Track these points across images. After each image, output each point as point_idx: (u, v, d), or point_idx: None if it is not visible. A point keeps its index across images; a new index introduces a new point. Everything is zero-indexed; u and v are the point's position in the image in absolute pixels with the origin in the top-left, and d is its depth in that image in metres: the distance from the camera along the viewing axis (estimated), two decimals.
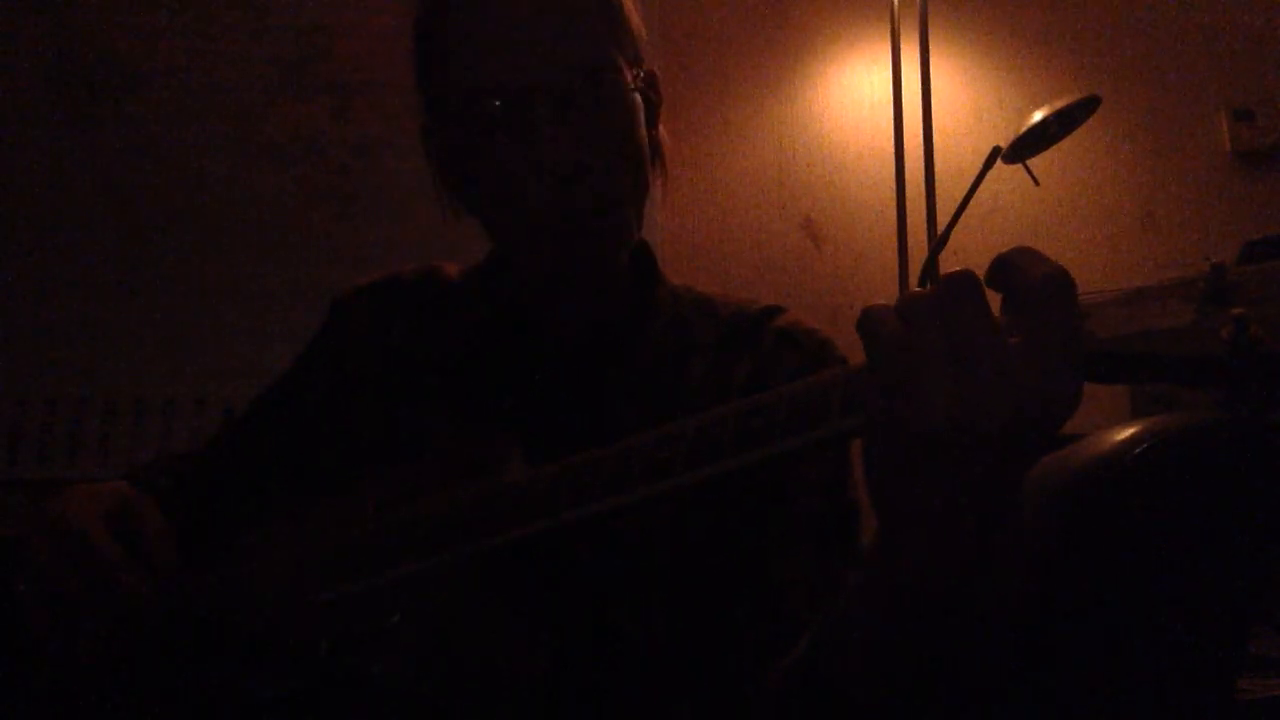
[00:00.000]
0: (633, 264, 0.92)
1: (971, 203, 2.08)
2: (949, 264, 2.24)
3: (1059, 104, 2.00)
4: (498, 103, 0.78)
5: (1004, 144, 2.06)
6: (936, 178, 2.23)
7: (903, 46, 2.31)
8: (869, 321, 0.49)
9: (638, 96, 0.83)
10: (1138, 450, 0.76)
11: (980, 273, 0.48)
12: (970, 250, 2.42)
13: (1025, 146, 2.06)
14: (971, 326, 0.46)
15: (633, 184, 0.83)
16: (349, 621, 0.69)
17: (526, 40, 0.78)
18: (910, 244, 2.24)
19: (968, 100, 2.54)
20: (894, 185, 2.26)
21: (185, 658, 0.78)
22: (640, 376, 0.87)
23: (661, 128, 0.91)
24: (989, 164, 2.08)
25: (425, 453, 0.78)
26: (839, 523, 0.82)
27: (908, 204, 2.24)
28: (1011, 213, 2.47)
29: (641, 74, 0.85)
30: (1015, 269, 0.47)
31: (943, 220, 2.14)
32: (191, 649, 0.78)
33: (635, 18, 0.86)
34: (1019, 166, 2.11)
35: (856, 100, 2.53)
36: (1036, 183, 2.13)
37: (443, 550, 0.67)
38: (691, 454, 0.57)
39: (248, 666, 0.74)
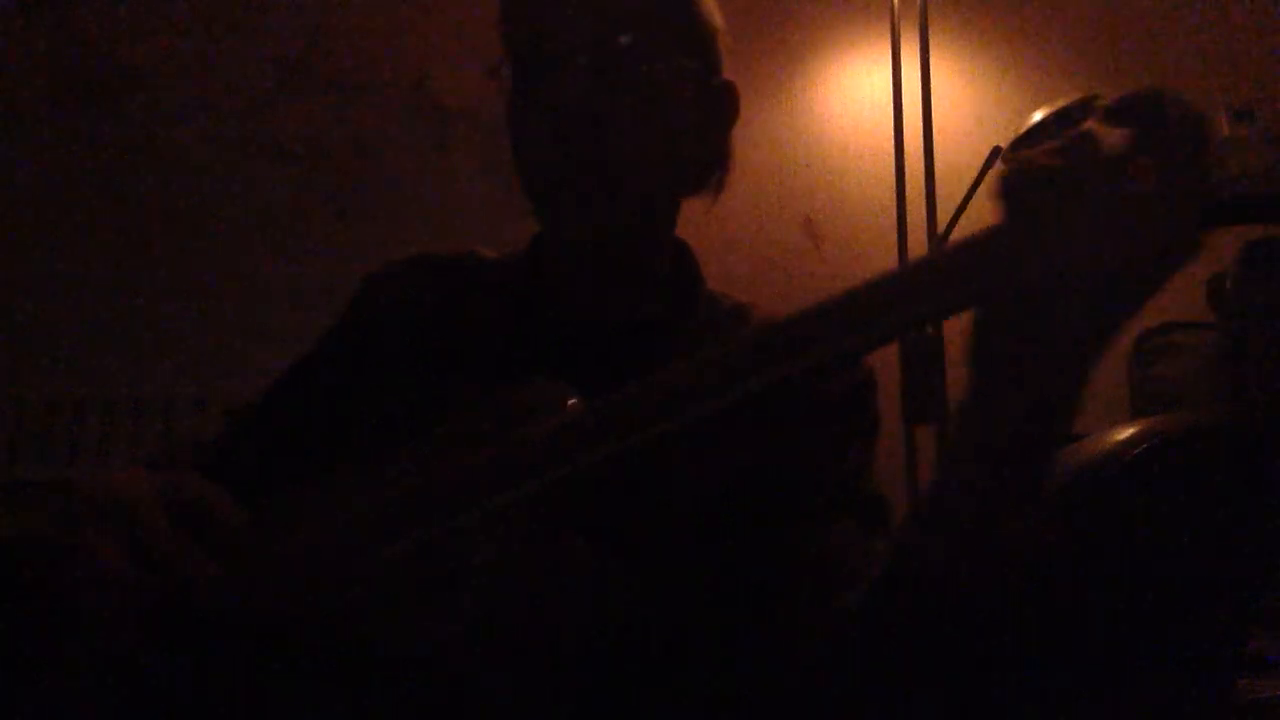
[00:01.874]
0: (675, 265, 0.94)
1: (971, 203, 2.09)
2: None
3: (1059, 104, 2.00)
4: (534, 54, 0.82)
5: (1004, 144, 2.06)
6: (936, 178, 2.23)
7: (903, 46, 2.31)
8: (1019, 159, 0.54)
9: (680, 97, 0.85)
10: (1138, 450, 0.76)
11: None
12: None
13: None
14: (1103, 168, 0.50)
15: (659, 168, 0.85)
16: (408, 577, 0.68)
17: (574, 3, 0.81)
18: (910, 244, 2.24)
19: (968, 100, 2.54)
20: (894, 185, 2.26)
21: (245, 635, 0.75)
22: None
23: (732, 137, 0.94)
24: (989, 164, 2.08)
25: (481, 401, 0.77)
26: (874, 504, 0.84)
27: (908, 204, 2.24)
28: None
29: (702, 79, 0.87)
30: (1154, 105, 0.51)
31: (943, 220, 2.14)
32: (251, 627, 0.75)
33: (710, 17, 0.89)
34: None
35: (856, 100, 2.53)
36: None
37: (504, 489, 0.66)
38: (838, 320, 0.58)
39: (308, 640, 0.71)
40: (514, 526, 0.66)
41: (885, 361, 2.16)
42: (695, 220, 0.92)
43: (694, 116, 0.87)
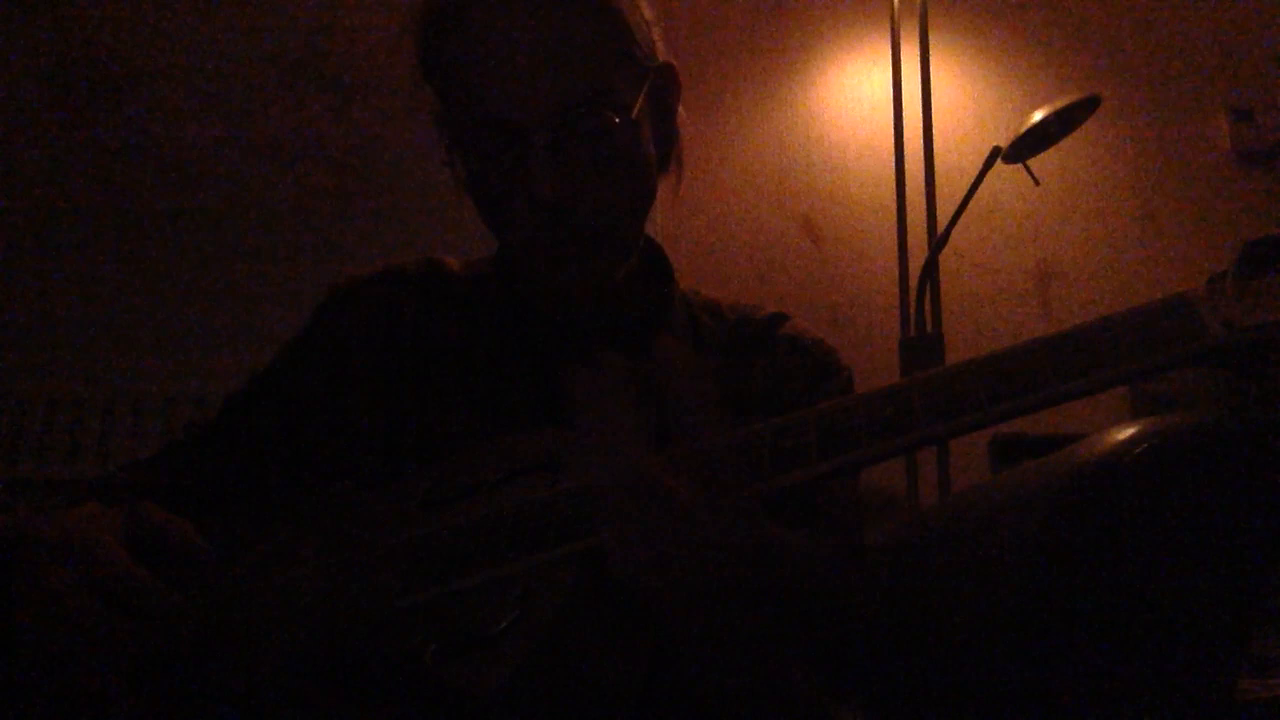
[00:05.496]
0: (646, 265, 0.93)
1: (971, 203, 2.08)
2: (949, 264, 2.24)
3: (1059, 104, 2.00)
4: (490, 135, 0.79)
5: (1004, 144, 2.06)
6: (936, 178, 2.23)
7: (903, 46, 2.31)
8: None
9: (639, 112, 0.82)
10: (1138, 450, 0.76)
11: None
12: (970, 250, 2.42)
13: (1025, 146, 2.06)
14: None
15: (629, 203, 0.84)
16: (453, 625, 0.64)
17: (518, 75, 0.78)
18: (910, 244, 2.24)
19: (968, 100, 2.54)
20: (894, 185, 2.25)
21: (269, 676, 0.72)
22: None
23: (681, 113, 0.91)
24: (989, 164, 2.08)
25: (479, 446, 0.75)
26: (853, 514, 0.85)
27: (908, 204, 2.24)
28: (1011, 213, 2.48)
29: (650, 74, 0.84)
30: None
31: (943, 220, 2.14)
32: (272, 668, 0.72)
33: (643, 11, 0.86)
34: (1019, 166, 2.11)
35: (856, 100, 2.53)
36: (1037, 183, 2.14)
37: (547, 548, 0.64)
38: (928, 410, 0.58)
39: (346, 682, 0.69)
40: (571, 579, 0.64)
41: (885, 361, 2.16)
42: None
43: (649, 132, 0.86)
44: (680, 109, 0.91)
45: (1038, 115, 2.00)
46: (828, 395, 0.86)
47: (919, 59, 2.28)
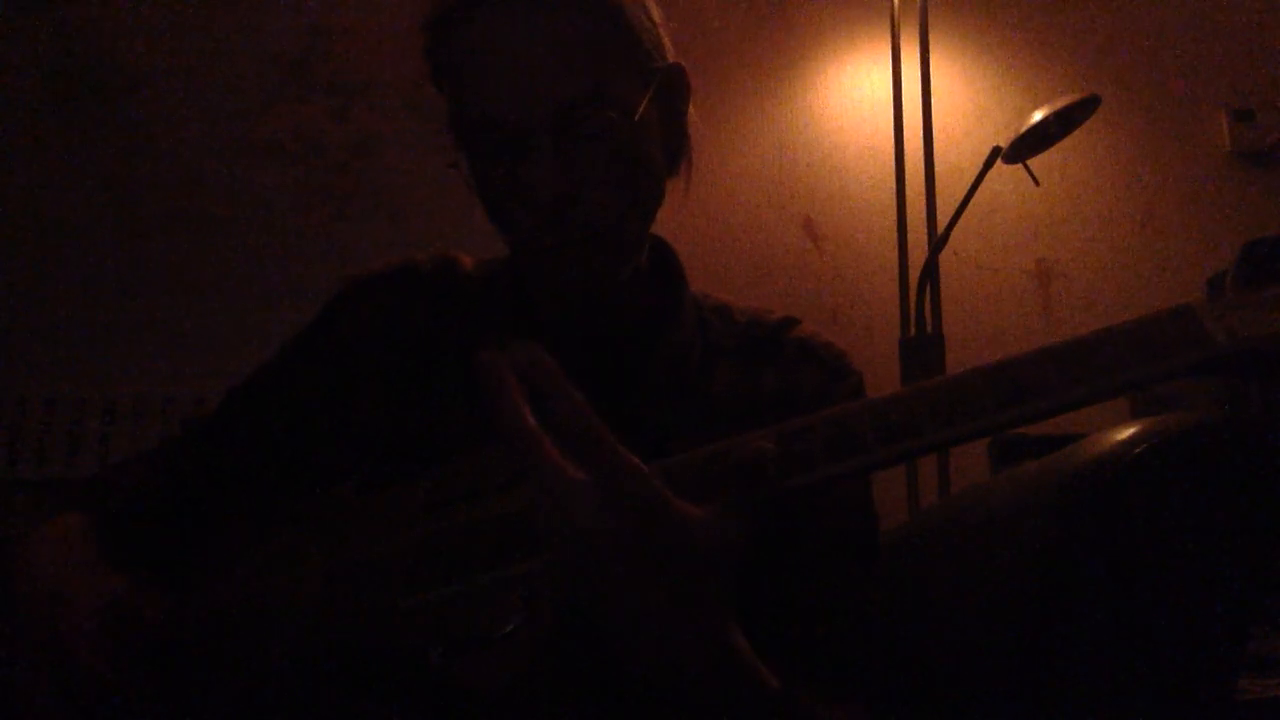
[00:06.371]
0: (656, 266, 0.93)
1: (971, 203, 2.09)
2: (949, 264, 2.24)
3: (1059, 104, 2.00)
4: (491, 136, 0.79)
5: (1004, 144, 2.06)
6: (936, 178, 2.23)
7: (903, 46, 2.31)
8: None
9: (643, 113, 0.82)
10: (1138, 450, 0.76)
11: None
12: (970, 250, 2.42)
13: (1025, 146, 2.06)
14: None
15: (632, 203, 0.83)
16: (458, 626, 0.65)
17: (519, 76, 0.78)
18: (910, 244, 2.24)
19: (968, 100, 2.54)
20: (894, 185, 2.26)
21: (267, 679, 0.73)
22: (666, 379, 0.87)
23: (692, 114, 0.91)
24: (989, 164, 2.08)
25: (482, 449, 0.75)
26: (864, 537, 0.84)
27: (908, 204, 2.24)
28: (1011, 213, 2.48)
29: (656, 76, 0.84)
30: None
31: (943, 220, 2.14)
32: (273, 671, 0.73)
33: (650, 12, 0.86)
34: (1019, 166, 2.12)
35: (856, 100, 2.53)
36: (1037, 183, 2.14)
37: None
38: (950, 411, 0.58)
39: (350, 682, 0.69)
40: (548, 590, 0.64)
41: (885, 362, 2.16)
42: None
43: (655, 133, 0.86)
44: (691, 111, 0.91)
45: (1038, 115, 2.00)
46: (838, 399, 0.86)
47: (919, 59, 2.28)
